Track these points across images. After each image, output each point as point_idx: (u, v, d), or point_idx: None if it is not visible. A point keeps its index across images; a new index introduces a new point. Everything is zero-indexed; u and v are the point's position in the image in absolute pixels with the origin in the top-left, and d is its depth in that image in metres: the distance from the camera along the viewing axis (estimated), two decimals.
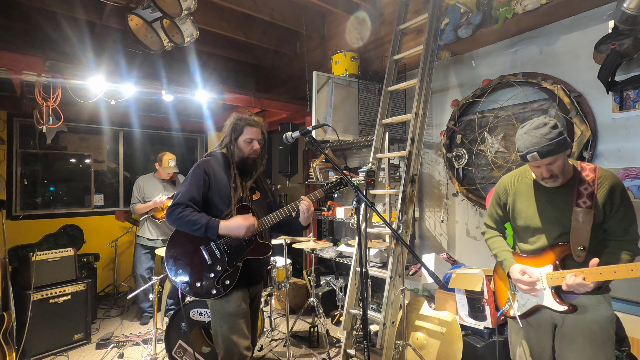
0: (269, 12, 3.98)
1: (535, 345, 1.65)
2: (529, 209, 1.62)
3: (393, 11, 3.61)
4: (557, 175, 1.49)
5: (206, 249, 1.84)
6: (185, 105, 4.58)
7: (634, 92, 2.25)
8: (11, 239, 3.71)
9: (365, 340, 1.56)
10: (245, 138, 1.94)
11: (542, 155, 1.42)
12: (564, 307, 1.50)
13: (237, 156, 1.95)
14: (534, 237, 1.62)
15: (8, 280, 2.83)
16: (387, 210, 3.20)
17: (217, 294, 1.81)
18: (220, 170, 1.93)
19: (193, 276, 1.83)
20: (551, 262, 1.54)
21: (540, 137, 1.43)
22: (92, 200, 4.80)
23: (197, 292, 1.82)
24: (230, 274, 1.83)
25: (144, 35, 2.98)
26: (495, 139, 2.91)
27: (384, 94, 3.06)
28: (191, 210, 1.81)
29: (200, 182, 1.86)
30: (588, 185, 1.49)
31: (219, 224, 1.79)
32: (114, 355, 3.06)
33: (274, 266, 3.11)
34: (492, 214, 1.83)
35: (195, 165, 1.92)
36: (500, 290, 1.81)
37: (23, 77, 2.97)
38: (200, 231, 1.78)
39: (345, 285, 3.27)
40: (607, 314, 1.50)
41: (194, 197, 1.84)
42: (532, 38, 2.75)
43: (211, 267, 1.83)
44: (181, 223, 1.79)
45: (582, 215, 1.47)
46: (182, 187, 1.87)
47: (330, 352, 3.02)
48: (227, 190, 1.89)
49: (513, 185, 1.70)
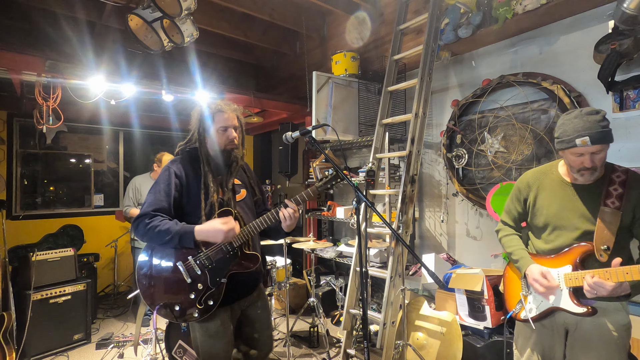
0: (269, 12, 3.98)
1: (547, 351, 1.59)
2: (552, 206, 1.56)
3: (393, 11, 3.61)
4: (597, 168, 1.44)
5: (184, 265, 1.57)
6: (185, 105, 4.57)
7: (634, 92, 2.25)
8: (11, 239, 3.70)
9: (365, 340, 1.56)
10: (218, 127, 1.67)
11: (594, 141, 1.37)
12: (583, 310, 1.44)
13: (211, 150, 1.69)
14: (552, 235, 1.56)
15: (8, 280, 2.84)
16: (387, 210, 3.20)
17: (199, 317, 1.57)
18: (193, 170, 1.68)
19: (170, 298, 1.57)
20: (570, 262, 1.49)
21: (594, 123, 1.38)
22: (92, 200, 4.80)
23: (176, 316, 1.57)
24: (213, 293, 1.58)
25: (144, 35, 2.98)
26: (495, 139, 2.91)
27: (384, 94, 3.06)
28: (160, 219, 1.54)
29: (170, 188, 1.59)
30: (618, 186, 1.45)
31: (193, 229, 1.53)
32: (114, 355, 3.06)
33: (273, 266, 3.11)
34: (510, 211, 1.75)
35: (165, 167, 1.65)
36: (510, 291, 1.74)
37: (23, 77, 2.97)
38: (174, 241, 1.51)
39: (345, 285, 3.27)
40: (625, 322, 1.46)
41: (162, 206, 1.57)
42: (532, 38, 2.75)
43: (191, 287, 1.57)
44: (151, 236, 1.52)
45: (609, 215, 1.43)
46: (150, 194, 1.60)
47: (330, 352, 3.02)
48: (203, 193, 1.64)
49: (537, 181, 1.64)
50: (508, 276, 1.77)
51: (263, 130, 5.78)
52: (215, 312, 1.60)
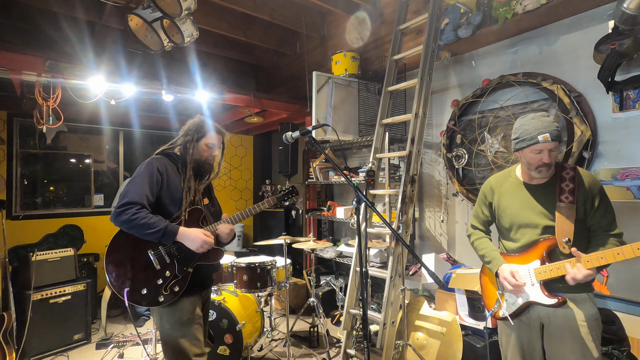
0: (269, 12, 3.98)
1: (526, 345, 1.66)
2: (514, 206, 1.68)
3: (393, 11, 3.61)
4: (551, 165, 1.57)
5: (154, 254, 1.71)
6: (185, 105, 4.57)
7: (634, 92, 2.25)
8: (11, 239, 3.70)
9: (365, 340, 1.56)
10: (208, 142, 1.89)
11: (553, 138, 1.51)
12: (554, 300, 1.53)
13: (194, 157, 1.87)
14: (518, 233, 1.66)
15: (8, 280, 2.83)
16: (387, 210, 3.20)
17: (165, 302, 1.68)
18: (173, 170, 1.83)
19: (137, 282, 1.68)
20: (538, 257, 1.59)
21: (550, 123, 1.54)
22: (92, 200, 4.80)
23: (141, 300, 1.68)
24: (179, 280, 1.72)
25: (144, 35, 2.98)
26: (495, 139, 2.91)
27: (384, 94, 3.06)
28: (146, 212, 1.66)
29: (154, 181, 1.73)
30: (569, 182, 1.57)
31: (177, 231, 1.68)
32: (114, 355, 3.06)
33: (273, 266, 3.11)
34: (478, 215, 1.87)
35: (147, 162, 1.78)
36: (487, 292, 1.81)
37: (23, 77, 2.97)
38: (154, 236, 1.64)
39: (345, 285, 3.27)
40: (592, 312, 1.54)
41: (147, 196, 1.69)
42: (532, 38, 2.75)
43: (159, 273, 1.70)
44: (133, 225, 1.63)
45: (566, 209, 1.54)
46: (133, 184, 1.71)
47: (330, 352, 3.02)
48: (179, 191, 1.80)
49: (498, 185, 1.77)
50: (484, 278, 1.85)
51: (263, 130, 5.78)
52: (185, 299, 1.73)
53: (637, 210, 2.22)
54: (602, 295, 2.30)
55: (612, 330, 2.08)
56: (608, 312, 2.16)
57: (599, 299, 2.29)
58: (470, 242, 1.87)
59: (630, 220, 2.23)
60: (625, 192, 2.26)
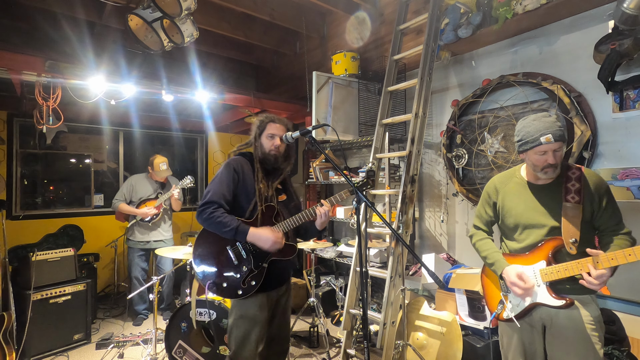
0: (269, 12, 3.97)
1: (528, 347, 1.65)
2: (519, 206, 1.65)
3: (393, 11, 3.61)
4: (557, 166, 1.53)
5: (232, 250, 1.83)
6: (185, 105, 4.57)
7: (634, 92, 2.25)
8: (11, 239, 3.70)
9: (365, 340, 1.56)
10: (268, 133, 1.92)
11: (556, 138, 1.48)
12: (562, 302, 1.50)
13: (260, 152, 1.94)
14: (523, 234, 1.64)
15: (8, 280, 2.83)
16: (387, 210, 3.20)
17: (243, 294, 1.80)
18: (248, 168, 1.93)
19: (220, 277, 1.82)
20: (543, 258, 1.56)
21: (552, 123, 1.50)
22: (92, 200, 4.80)
23: (223, 292, 1.82)
24: (255, 275, 1.82)
25: (144, 35, 2.98)
26: (495, 139, 2.91)
27: (384, 94, 3.06)
28: (222, 211, 1.79)
29: (231, 181, 1.85)
30: (575, 182, 1.55)
31: (248, 230, 1.78)
32: (114, 355, 3.06)
33: None
34: (481, 215, 1.84)
35: (226, 163, 1.92)
36: (490, 292, 1.79)
37: (23, 77, 2.96)
38: (229, 234, 1.77)
39: (345, 285, 3.27)
40: (597, 314, 1.53)
41: (225, 195, 1.83)
42: (532, 38, 2.75)
43: (237, 268, 1.82)
44: (210, 223, 1.78)
45: (572, 209, 1.52)
46: (213, 184, 1.85)
47: (330, 352, 3.02)
48: (253, 188, 1.88)
49: (503, 185, 1.75)
50: (485, 278, 1.83)
51: None
52: (257, 296, 1.82)
53: (637, 210, 2.22)
54: (602, 295, 2.30)
55: (612, 330, 2.08)
56: (608, 312, 2.16)
57: (599, 299, 2.28)
58: (472, 243, 1.85)
59: (630, 220, 2.20)
60: (625, 192, 2.26)
